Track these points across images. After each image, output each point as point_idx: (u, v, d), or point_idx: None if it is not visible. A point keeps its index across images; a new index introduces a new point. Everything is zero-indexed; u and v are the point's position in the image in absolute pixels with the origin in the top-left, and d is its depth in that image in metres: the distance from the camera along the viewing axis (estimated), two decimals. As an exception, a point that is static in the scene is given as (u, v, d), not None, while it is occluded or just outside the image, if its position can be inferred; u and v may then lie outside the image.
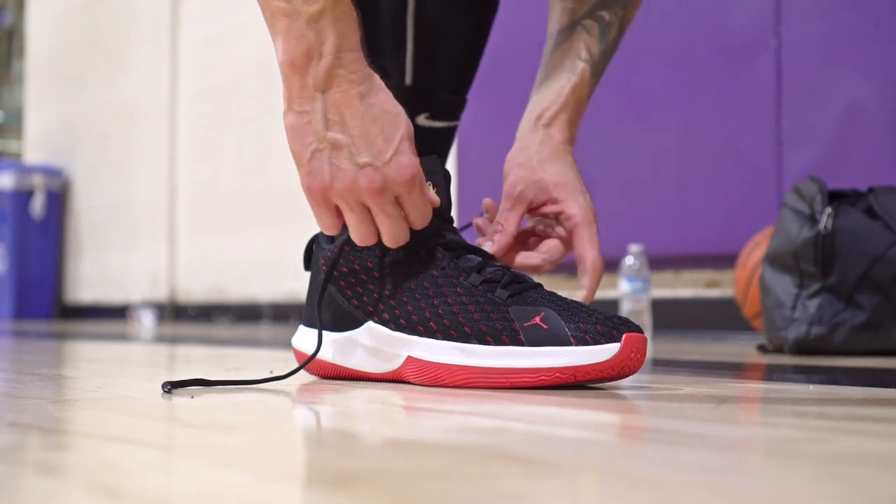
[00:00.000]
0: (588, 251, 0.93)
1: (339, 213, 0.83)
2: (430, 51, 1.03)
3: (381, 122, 0.80)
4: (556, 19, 1.01)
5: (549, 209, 0.95)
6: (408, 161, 0.80)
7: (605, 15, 0.99)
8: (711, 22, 2.39)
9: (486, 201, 1.01)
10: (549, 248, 0.97)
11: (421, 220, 0.84)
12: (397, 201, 0.82)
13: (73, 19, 5.17)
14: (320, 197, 0.80)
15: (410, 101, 1.04)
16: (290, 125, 0.80)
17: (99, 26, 4.96)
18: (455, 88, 1.06)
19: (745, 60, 2.30)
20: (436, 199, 0.86)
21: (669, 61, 2.44)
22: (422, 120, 1.04)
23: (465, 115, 1.09)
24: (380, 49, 0.94)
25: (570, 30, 0.99)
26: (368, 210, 0.82)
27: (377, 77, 0.82)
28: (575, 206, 0.93)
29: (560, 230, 0.97)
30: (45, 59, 5.46)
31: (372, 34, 0.93)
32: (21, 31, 6.43)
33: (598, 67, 0.99)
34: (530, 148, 0.96)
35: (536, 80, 1.02)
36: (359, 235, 0.83)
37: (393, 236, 0.83)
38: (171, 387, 0.82)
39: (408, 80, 1.03)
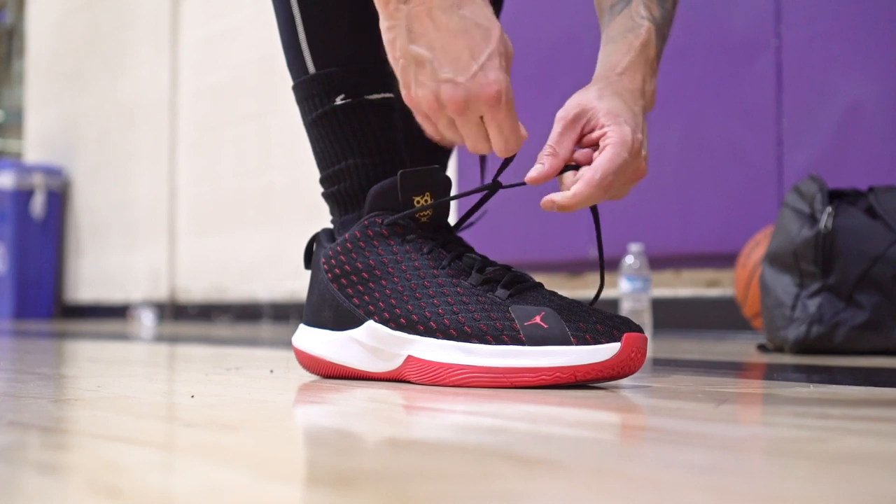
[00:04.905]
0: (600, 165, 0.83)
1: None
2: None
3: (468, 35, 0.78)
4: None
5: (595, 134, 0.86)
6: (494, 77, 0.78)
7: None
8: (711, 22, 2.39)
9: None
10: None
11: (504, 143, 0.80)
12: (482, 120, 0.80)
13: (73, 19, 5.17)
14: (412, 107, 0.81)
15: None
16: (385, 40, 0.81)
17: (99, 26, 4.96)
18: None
19: (745, 60, 2.30)
20: (524, 130, 0.82)
21: (669, 61, 2.43)
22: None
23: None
24: (384, 49, 0.94)
25: (626, 1, 0.96)
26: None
27: None
28: (616, 131, 0.84)
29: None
30: (45, 58, 5.46)
31: (376, 34, 0.93)
32: (21, 31, 6.43)
33: (661, 30, 0.94)
34: (594, 86, 0.89)
35: (599, 53, 0.95)
36: (449, 140, 0.83)
37: (476, 147, 0.81)
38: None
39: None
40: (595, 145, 0.87)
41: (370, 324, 0.88)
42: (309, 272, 0.96)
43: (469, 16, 0.78)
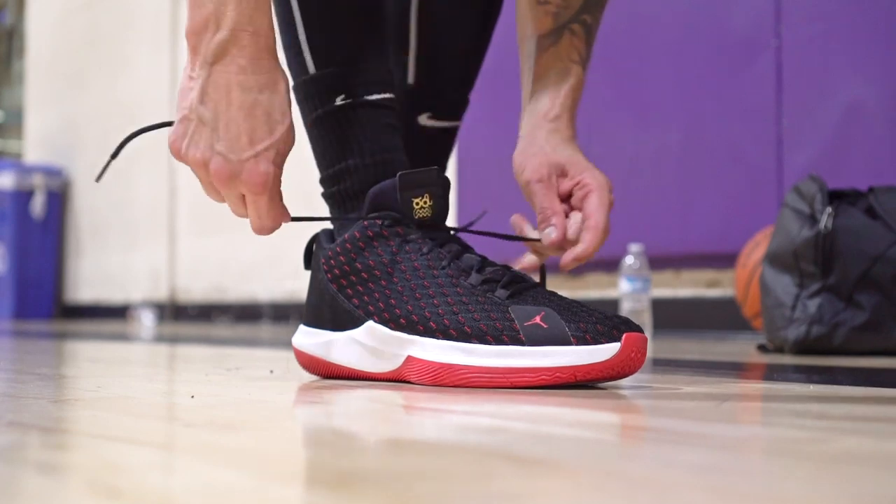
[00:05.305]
0: (596, 211, 0.94)
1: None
2: (432, 51, 1.04)
3: (255, 121, 0.81)
4: (536, 23, 1.01)
5: (567, 184, 0.97)
6: (264, 169, 0.81)
7: (588, 18, 1.00)
8: (711, 22, 2.39)
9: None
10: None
11: (259, 226, 0.85)
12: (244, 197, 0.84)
13: (73, 19, 5.17)
14: (175, 156, 0.83)
15: (412, 100, 1.04)
16: (180, 85, 0.82)
17: (99, 26, 4.96)
18: (457, 88, 1.06)
19: (745, 60, 2.30)
20: (286, 215, 0.87)
21: (669, 61, 2.44)
22: (424, 119, 1.05)
23: (466, 116, 1.09)
24: (384, 49, 0.94)
25: (556, 34, 1.00)
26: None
27: (282, 81, 0.82)
28: (590, 176, 0.96)
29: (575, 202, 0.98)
30: (45, 59, 5.46)
31: (376, 34, 0.93)
32: (21, 31, 6.43)
33: (586, 69, 1.02)
34: (539, 139, 0.98)
35: (525, 82, 1.02)
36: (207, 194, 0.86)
37: (235, 214, 0.86)
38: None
39: (410, 79, 1.04)
40: (568, 195, 0.97)
41: (370, 324, 0.88)
42: (309, 273, 0.96)
43: (264, 102, 0.81)
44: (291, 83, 0.98)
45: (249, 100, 0.80)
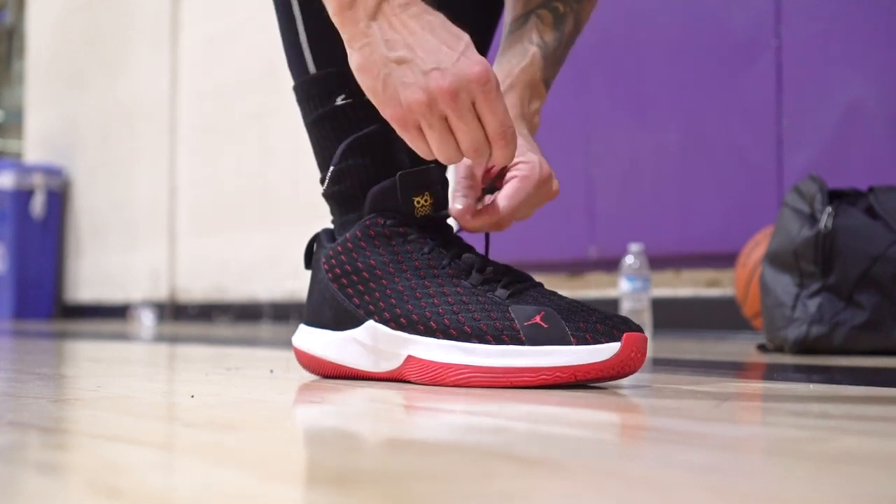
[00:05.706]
0: (504, 197, 0.89)
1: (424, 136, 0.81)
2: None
3: (439, 33, 0.79)
4: (510, 10, 1.01)
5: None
6: (478, 59, 0.79)
7: (560, 6, 1.00)
8: (711, 22, 2.39)
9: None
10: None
11: (499, 126, 0.80)
12: (474, 109, 0.80)
13: (73, 19, 5.17)
14: (402, 122, 0.80)
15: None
16: (357, 66, 0.80)
17: (99, 26, 4.96)
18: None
19: (745, 60, 2.30)
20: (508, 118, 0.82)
21: (669, 61, 2.44)
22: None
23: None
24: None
25: (524, 19, 0.99)
26: (448, 126, 0.80)
27: (431, 9, 0.81)
28: (526, 166, 0.90)
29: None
30: (45, 59, 5.46)
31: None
32: (21, 31, 6.43)
33: (552, 54, 0.99)
34: None
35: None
36: (443, 154, 0.81)
37: (474, 146, 0.81)
38: None
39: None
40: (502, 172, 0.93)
41: (370, 324, 0.88)
42: (309, 272, 0.96)
43: (435, 20, 0.80)
44: (292, 83, 0.98)
45: (425, 22, 0.79)
